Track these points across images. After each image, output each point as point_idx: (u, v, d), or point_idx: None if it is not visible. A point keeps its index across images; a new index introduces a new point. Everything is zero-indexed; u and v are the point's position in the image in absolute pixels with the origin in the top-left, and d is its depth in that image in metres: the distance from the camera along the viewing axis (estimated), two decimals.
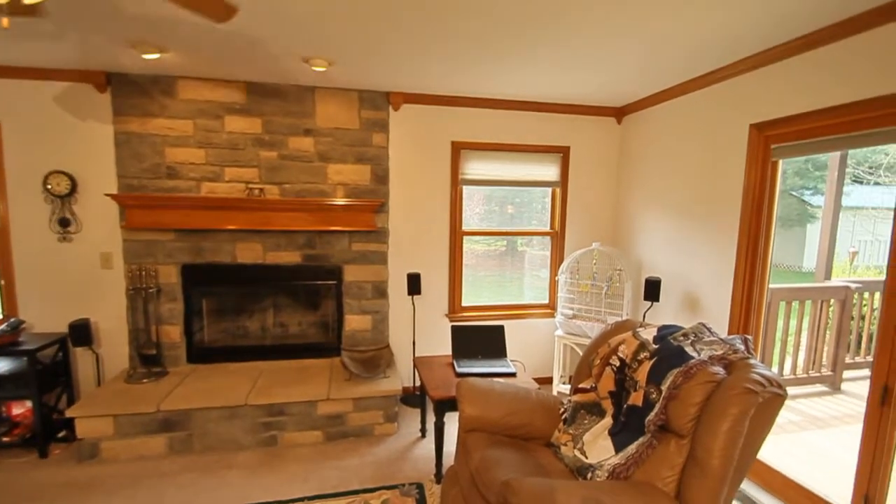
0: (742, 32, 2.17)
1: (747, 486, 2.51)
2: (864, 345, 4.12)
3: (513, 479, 1.48)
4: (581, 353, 2.26)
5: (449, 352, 3.01)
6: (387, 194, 3.43)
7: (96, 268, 3.11)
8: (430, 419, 3.03)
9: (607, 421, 1.85)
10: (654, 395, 1.66)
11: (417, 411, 3.29)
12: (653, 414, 1.61)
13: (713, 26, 2.11)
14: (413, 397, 3.50)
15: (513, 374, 2.66)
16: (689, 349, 1.69)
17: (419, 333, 3.61)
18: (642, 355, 1.81)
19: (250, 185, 3.18)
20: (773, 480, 2.46)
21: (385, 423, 3.00)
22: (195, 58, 2.66)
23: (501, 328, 2.96)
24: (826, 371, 3.93)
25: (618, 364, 1.91)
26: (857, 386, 3.87)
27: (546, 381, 3.84)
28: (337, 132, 3.29)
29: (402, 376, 3.52)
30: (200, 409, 2.73)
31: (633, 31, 2.18)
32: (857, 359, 4.06)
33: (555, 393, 3.51)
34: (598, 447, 1.78)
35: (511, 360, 2.84)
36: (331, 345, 3.48)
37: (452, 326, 2.97)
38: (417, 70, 2.84)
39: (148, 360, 3.10)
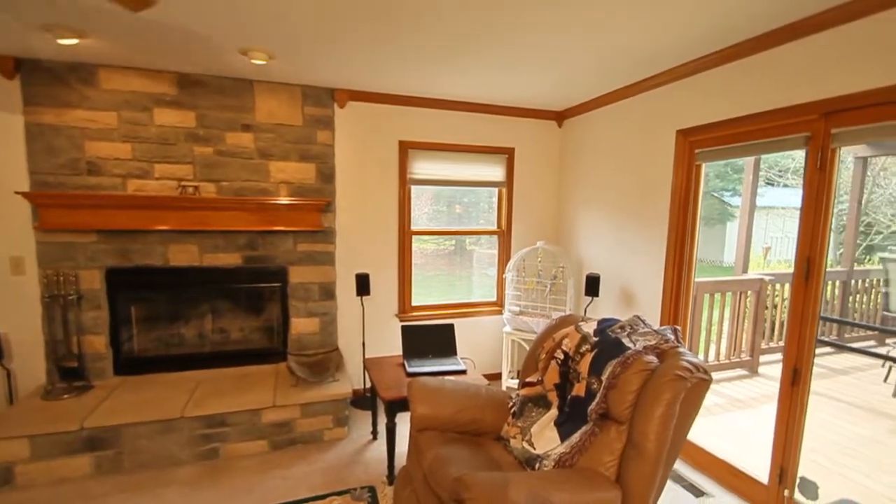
0: (668, 45, 2.33)
1: (679, 466, 2.70)
2: (776, 331, 4.57)
3: (465, 474, 1.50)
4: (528, 349, 2.34)
5: (400, 352, 3.00)
6: (333, 193, 3.35)
7: (5, 274, 2.79)
8: (382, 421, 3.00)
9: (553, 412, 1.93)
10: (595, 386, 1.75)
11: (368, 413, 3.25)
12: (594, 403, 1.70)
13: (645, 39, 2.25)
14: (364, 400, 3.46)
15: (463, 372, 2.70)
16: (626, 340, 1.80)
17: (369, 334, 3.57)
18: (584, 348, 1.90)
19: (183, 183, 2.99)
20: (702, 459, 2.67)
21: (335, 427, 2.94)
22: (119, 45, 2.47)
23: (451, 327, 3.00)
24: (745, 356, 4.33)
25: (562, 357, 1.99)
26: (772, 369, 4.29)
27: (495, 377, 3.93)
28: (279, 128, 3.17)
29: (353, 379, 3.47)
30: (131, 424, 2.53)
31: (574, 41, 2.28)
32: (772, 344, 4.50)
33: (504, 388, 3.59)
34: (544, 438, 1.85)
35: (461, 358, 2.88)
36: (276, 350, 3.35)
37: (403, 326, 2.96)
38: (364, 67, 2.80)
39: (69, 373, 2.83)
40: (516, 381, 3.51)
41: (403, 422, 2.96)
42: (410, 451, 2.11)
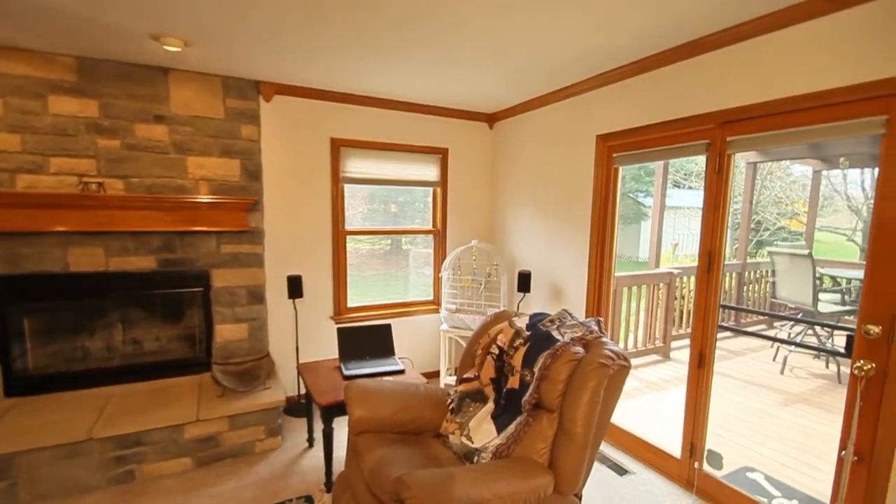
0: (589, 55, 2.49)
1: (604, 447, 2.91)
2: (684, 319, 5.05)
3: (404, 474, 1.51)
4: (465, 345, 2.39)
5: (336, 355, 2.93)
6: (260, 191, 3.19)
7: None
8: (319, 427, 2.93)
9: (490, 406, 1.99)
10: (528, 378, 1.83)
11: (304, 421, 3.14)
12: (528, 394, 1.78)
13: (568, 49, 2.38)
14: (298, 406, 3.33)
15: (401, 372, 2.69)
16: (555, 333, 1.90)
17: (303, 338, 3.44)
18: (518, 342, 1.98)
19: (85, 179, 2.69)
20: (624, 439, 2.89)
21: (267, 437, 2.80)
22: (5, 25, 2.16)
23: (388, 327, 2.98)
24: (658, 343, 4.74)
25: (497, 352, 2.06)
26: (682, 353, 4.73)
27: (434, 375, 3.96)
28: (197, 121, 2.96)
29: (286, 385, 3.33)
30: (27, 451, 2.24)
31: (503, 48, 2.36)
32: (681, 331, 4.97)
33: (442, 385, 3.64)
34: (482, 431, 1.90)
35: (399, 358, 2.88)
36: (199, 359, 3.12)
37: (338, 328, 2.89)
38: (292, 61, 2.69)
39: None
40: (454, 377, 3.56)
41: (341, 426, 2.91)
42: (349, 456, 2.07)
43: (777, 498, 2.39)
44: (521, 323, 2.07)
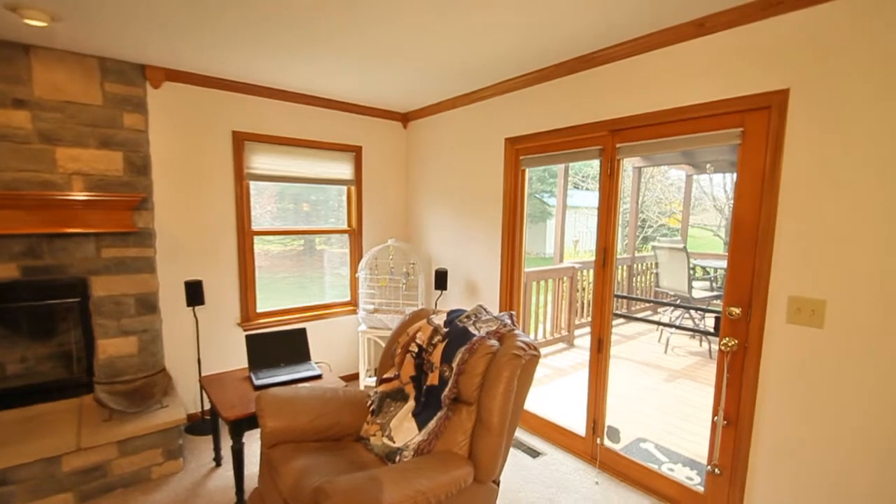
0: (497, 62, 2.61)
1: (519, 433, 3.07)
2: (585, 309, 5.51)
3: (324, 482, 1.46)
4: (384, 346, 2.38)
5: (245, 364, 2.74)
6: (150, 188, 2.86)
7: None
8: (227, 444, 2.72)
9: (410, 404, 2.00)
10: (447, 373, 1.88)
11: (209, 438, 2.90)
12: (447, 389, 1.83)
13: (479, 55, 2.47)
14: (202, 424, 3.06)
15: (319, 377, 2.60)
16: (471, 328, 1.97)
17: (206, 349, 3.17)
18: (436, 339, 2.02)
19: None
20: (536, 424, 3.08)
21: (166, 461, 2.54)
22: None
23: (303, 331, 2.85)
24: (564, 332, 5.12)
25: (416, 350, 2.08)
26: (584, 341, 5.16)
27: (353, 378, 3.88)
28: (69, 107, 2.58)
29: (187, 402, 3.05)
30: None
31: (415, 50, 2.39)
32: (582, 320, 5.41)
33: (362, 387, 3.57)
34: (403, 430, 1.91)
35: (316, 363, 2.77)
36: (78, 380, 2.73)
37: (247, 336, 2.71)
38: (182, 43, 2.46)
39: None
40: (374, 379, 3.52)
41: (253, 440, 2.74)
42: (262, 471, 1.96)
43: (665, 463, 2.71)
44: (439, 320, 2.11)
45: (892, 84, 1.59)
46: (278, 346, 2.75)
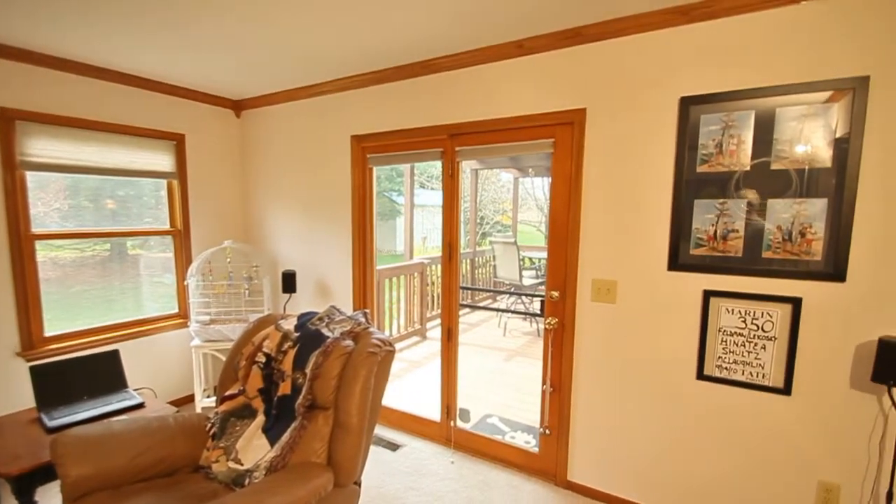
0: (330, 58, 2.57)
1: (378, 429, 3.10)
2: (435, 302, 5.81)
3: None
4: (224, 360, 2.15)
5: (32, 403, 2.17)
6: None
7: None
8: None
9: (260, 419, 1.86)
10: (301, 380, 1.79)
11: None
12: (301, 397, 1.74)
13: (308, 46, 2.40)
14: None
15: (140, 406, 2.21)
16: (325, 330, 1.92)
17: None
18: (286, 345, 1.91)
19: None
20: (395, 418, 3.15)
21: None
22: None
23: (115, 353, 2.39)
24: (417, 326, 5.32)
25: (264, 360, 1.93)
26: (435, 332, 5.43)
27: (188, 401, 3.40)
28: None
29: None
30: None
31: (248, 31, 2.19)
32: (433, 312, 5.69)
33: (199, 410, 3.16)
34: (252, 448, 1.76)
35: (136, 390, 2.35)
36: None
37: (31, 367, 2.14)
38: None
39: None
40: (213, 398, 3.15)
41: (51, 496, 2.21)
42: None
43: (508, 433, 3.04)
44: (289, 325, 2.00)
45: (641, 106, 2.07)
46: (80, 376, 2.25)
